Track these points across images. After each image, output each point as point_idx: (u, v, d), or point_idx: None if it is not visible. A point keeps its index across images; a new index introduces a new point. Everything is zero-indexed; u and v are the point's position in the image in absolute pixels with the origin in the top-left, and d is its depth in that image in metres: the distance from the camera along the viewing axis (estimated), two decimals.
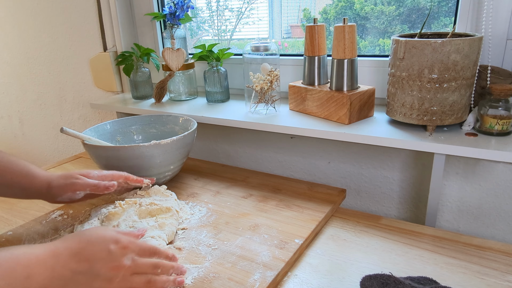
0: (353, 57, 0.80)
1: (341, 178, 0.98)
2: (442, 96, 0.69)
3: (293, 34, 1.16)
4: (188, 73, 1.11)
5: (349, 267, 0.59)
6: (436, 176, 0.76)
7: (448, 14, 0.86)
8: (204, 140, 1.17)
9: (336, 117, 0.82)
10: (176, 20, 1.03)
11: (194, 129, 0.84)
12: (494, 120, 0.69)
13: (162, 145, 0.76)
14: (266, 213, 0.73)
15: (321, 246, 0.65)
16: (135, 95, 1.17)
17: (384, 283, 0.48)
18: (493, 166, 0.79)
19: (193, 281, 0.55)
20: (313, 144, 0.99)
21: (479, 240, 0.65)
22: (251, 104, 0.94)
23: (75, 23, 1.31)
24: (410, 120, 0.73)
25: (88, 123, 1.45)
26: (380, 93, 0.89)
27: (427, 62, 0.67)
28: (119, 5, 1.18)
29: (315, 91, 0.86)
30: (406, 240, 0.66)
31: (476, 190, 0.82)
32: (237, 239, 0.65)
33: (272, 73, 0.87)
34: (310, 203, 0.76)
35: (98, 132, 0.89)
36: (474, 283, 0.55)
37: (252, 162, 1.11)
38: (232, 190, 0.83)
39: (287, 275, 0.58)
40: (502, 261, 0.59)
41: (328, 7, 1.02)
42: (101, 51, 1.28)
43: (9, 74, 1.61)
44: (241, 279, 0.55)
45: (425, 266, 0.59)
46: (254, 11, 1.15)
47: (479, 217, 0.83)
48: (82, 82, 1.39)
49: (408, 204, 0.91)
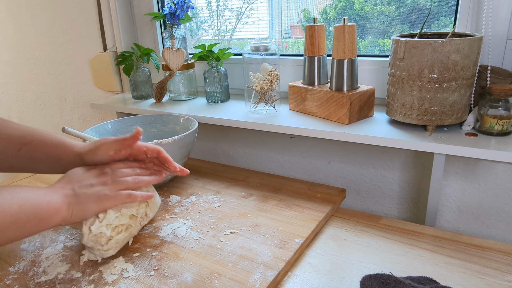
0: (353, 57, 0.80)
1: (341, 178, 0.98)
2: (442, 96, 0.69)
3: (293, 34, 1.16)
4: (188, 73, 1.11)
5: (349, 267, 0.59)
6: (436, 176, 0.76)
7: (448, 14, 0.86)
8: (204, 140, 1.17)
9: (336, 117, 0.82)
10: (176, 20, 1.03)
11: (195, 128, 0.84)
12: (494, 120, 0.69)
13: (163, 145, 0.76)
14: (266, 213, 0.73)
15: (321, 246, 0.65)
16: (135, 95, 1.17)
17: (384, 282, 0.48)
18: (493, 166, 0.79)
19: (193, 281, 0.55)
20: (313, 144, 0.99)
21: (479, 240, 0.65)
22: (251, 104, 0.94)
23: (75, 23, 1.31)
24: (410, 120, 0.73)
25: (88, 123, 1.45)
26: (380, 93, 0.89)
27: (427, 62, 0.67)
28: (119, 5, 1.18)
29: (315, 91, 0.86)
30: (406, 240, 0.66)
31: (476, 190, 0.82)
32: (238, 238, 0.65)
33: (272, 73, 0.87)
34: (310, 203, 0.76)
35: (99, 131, 0.89)
36: (474, 283, 0.55)
37: (252, 162, 1.11)
38: (232, 190, 0.83)
39: (287, 275, 0.58)
40: (502, 261, 0.59)
41: (328, 7, 1.03)
42: (101, 51, 1.28)
43: (9, 74, 1.61)
44: (241, 278, 0.55)
45: (425, 266, 0.59)
46: (254, 11, 1.16)
47: (479, 217, 0.83)
48: (82, 82, 1.39)
49: (408, 204, 0.91)
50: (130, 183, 0.63)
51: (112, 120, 0.93)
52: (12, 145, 0.64)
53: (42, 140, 0.65)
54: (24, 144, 0.64)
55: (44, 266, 0.61)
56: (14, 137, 0.64)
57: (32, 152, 0.65)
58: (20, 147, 0.64)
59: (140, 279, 0.56)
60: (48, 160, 0.66)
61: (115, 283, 0.56)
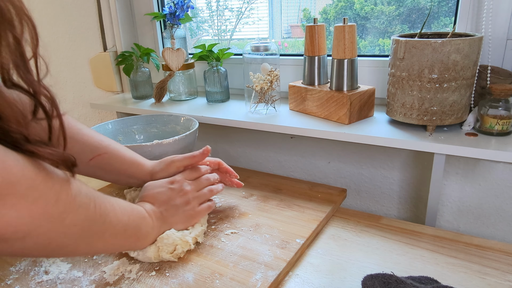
0: (353, 57, 0.80)
1: (341, 178, 0.98)
2: (442, 96, 0.69)
3: (293, 34, 1.16)
4: (188, 73, 1.11)
5: (350, 267, 0.59)
6: (436, 176, 0.76)
7: (448, 14, 0.86)
8: (204, 140, 1.17)
9: (336, 117, 0.82)
10: (176, 20, 1.03)
11: (195, 128, 0.84)
12: (494, 120, 0.70)
13: (164, 145, 0.76)
14: (267, 213, 0.73)
15: (322, 245, 0.65)
16: (135, 95, 1.17)
17: (386, 282, 0.48)
18: (493, 166, 0.79)
19: (195, 281, 0.55)
20: (313, 144, 0.99)
21: (479, 240, 0.65)
22: (251, 104, 0.94)
23: (75, 23, 1.31)
24: (410, 120, 0.74)
25: (88, 123, 1.45)
26: (380, 93, 0.89)
27: (427, 62, 0.67)
28: (119, 5, 1.18)
29: (315, 91, 0.86)
30: (407, 240, 0.66)
31: (476, 190, 0.82)
32: (239, 239, 0.65)
33: (272, 73, 0.87)
34: (311, 203, 0.76)
35: (99, 131, 0.88)
36: (475, 282, 0.55)
37: (252, 162, 1.12)
38: (233, 190, 0.83)
39: (288, 275, 0.58)
40: (502, 260, 0.60)
41: (328, 7, 1.03)
42: (101, 51, 1.28)
43: None
44: (243, 278, 0.55)
45: (426, 265, 0.59)
46: (254, 11, 1.16)
47: (479, 217, 0.83)
48: (82, 82, 1.39)
49: (408, 204, 0.92)
50: (208, 194, 0.67)
51: (112, 120, 0.93)
52: (84, 154, 0.64)
53: (115, 155, 0.67)
54: (98, 155, 0.65)
55: (45, 265, 0.61)
56: (87, 146, 0.64)
57: (104, 165, 0.66)
58: (92, 157, 0.64)
59: (141, 279, 0.56)
60: (117, 174, 0.68)
61: (116, 283, 0.56)
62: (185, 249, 0.61)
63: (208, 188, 0.68)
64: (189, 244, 0.61)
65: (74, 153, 0.62)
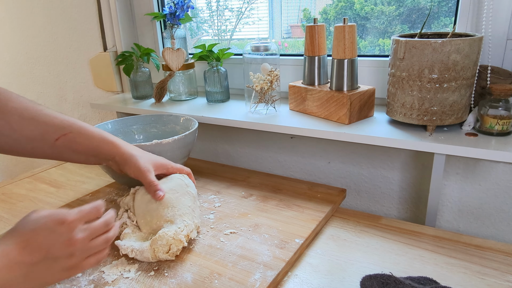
0: (353, 57, 0.80)
1: (341, 178, 0.98)
2: (442, 96, 0.69)
3: (293, 34, 1.16)
4: (188, 73, 1.11)
5: (349, 267, 0.59)
6: (436, 176, 0.76)
7: (448, 14, 0.86)
8: (204, 140, 1.17)
9: (336, 117, 0.82)
10: (176, 20, 1.03)
11: (195, 128, 0.84)
12: (494, 120, 0.69)
13: (163, 145, 0.76)
14: (266, 213, 0.73)
15: (321, 246, 0.65)
16: (135, 95, 1.17)
17: (384, 283, 0.48)
18: (493, 166, 0.79)
19: (193, 281, 0.55)
20: (313, 144, 0.99)
21: (479, 240, 0.65)
22: (251, 104, 0.94)
23: (75, 23, 1.31)
24: (410, 120, 0.73)
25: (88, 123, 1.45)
26: (380, 93, 0.89)
27: (427, 62, 0.67)
28: (119, 5, 1.18)
29: (315, 91, 0.86)
30: (406, 240, 0.66)
31: (476, 190, 0.82)
32: (238, 239, 0.65)
33: (272, 73, 0.87)
34: (311, 203, 0.76)
35: None
36: (475, 283, 0.55)
37: (252, 162, 1.11)
38: (232, 190, 0.83)
39: (287, 275, 0.58)
40: (502, 261, 0.59)
41: (328, 7, 1.03)
42: (101, 51, 1.28)
43: (9, 74, 1.61)
44: (241, 278, 0.55)
45: (425, 266, 0.59)
46: (254, 11, 1.16)
47: (479, 217, 0.83)
48: (82, 82, 1.39)
49: (408, 204, 0.91)
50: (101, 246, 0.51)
51: (112, 120, 0.93)
52: (48, 135, 0.61)
53: (82, 133, 0.64)
54: (63, 135, 0.62)
55: None
56: (51, 127, 0.61)
57: (71, 144, 0.63)
58: (57, 137, 0.62)
59: (140, 279, 0.56)
60: (86, 154, 0.65)
61: (115, 283, 0.56)
62: (180, 246, 0.60)
63: (104, 237, 0.51)
64: (182, 242, 0.60)
65: (38, 134, 0.59)
